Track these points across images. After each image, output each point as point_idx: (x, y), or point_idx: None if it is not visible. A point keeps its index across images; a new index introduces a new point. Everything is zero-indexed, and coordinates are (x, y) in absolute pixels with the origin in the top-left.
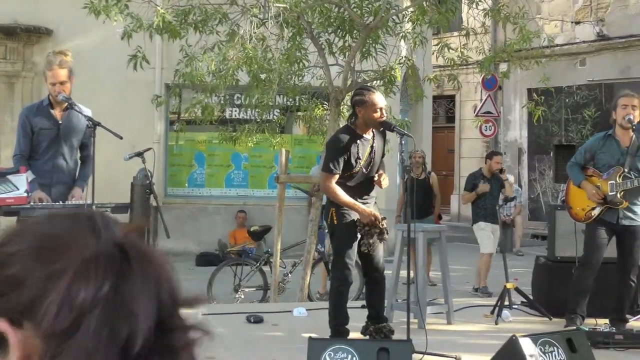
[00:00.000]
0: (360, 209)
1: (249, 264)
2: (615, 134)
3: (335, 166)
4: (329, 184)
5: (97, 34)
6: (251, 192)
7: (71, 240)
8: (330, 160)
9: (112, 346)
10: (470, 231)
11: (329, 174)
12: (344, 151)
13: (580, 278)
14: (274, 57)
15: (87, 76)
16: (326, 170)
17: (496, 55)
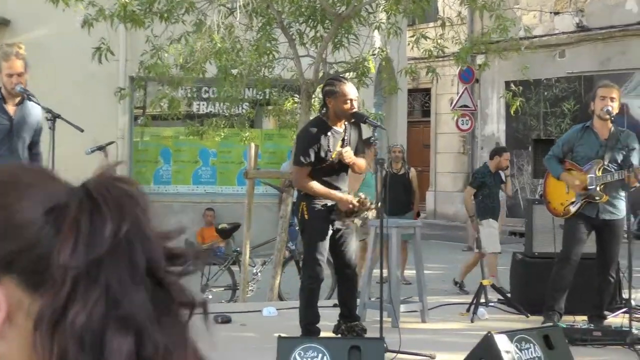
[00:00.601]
0: (336, 197)
1: (217, 263)
2: (593, 125)
3: (305, 158)
4: (300, 176)
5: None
6: (220, 189)
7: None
8: (301, 153)
9: (136, 276)
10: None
11: (300, 167)
12: (313, 143)
13: (558, 274)
14: (243, 48)
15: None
16: (297, 163)
17: (473, 45)
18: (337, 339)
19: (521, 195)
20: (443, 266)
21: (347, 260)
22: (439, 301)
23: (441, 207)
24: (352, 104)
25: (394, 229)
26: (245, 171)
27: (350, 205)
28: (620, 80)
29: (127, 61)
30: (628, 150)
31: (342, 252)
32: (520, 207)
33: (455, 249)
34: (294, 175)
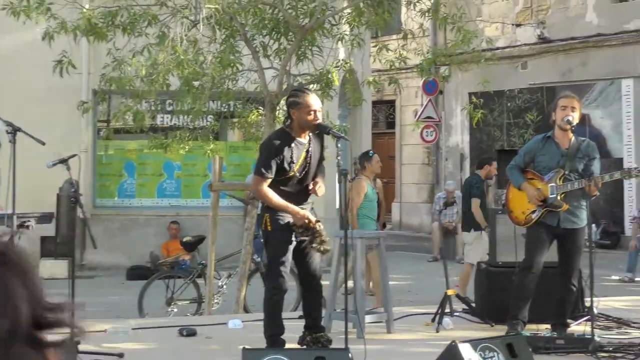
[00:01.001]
0: (293, 211)
1: (182, 277)
2: (554, 135)
3: (267, 169)
4: (260, 187)
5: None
6: (184, 202)
7: None
8: (262, 164)
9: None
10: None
11: (260, 178)
12: (276, 154)
13: (521, 283)
14: (207, 61)
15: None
16: (257, 173)
17: (435, 57)
18: (301, 349)
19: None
20: (408, 276)
21: (312, 271)
22: (404, 311)
23: (407, 218)
24: (316, 115)
25: (359, 239)
26: (210, 184)
27: (305, 221)
28: (582, 91)
29: (89, 74)
30: (589, 159)
31: (306, 263)
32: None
33: (420, 259)
34: (253, 185)
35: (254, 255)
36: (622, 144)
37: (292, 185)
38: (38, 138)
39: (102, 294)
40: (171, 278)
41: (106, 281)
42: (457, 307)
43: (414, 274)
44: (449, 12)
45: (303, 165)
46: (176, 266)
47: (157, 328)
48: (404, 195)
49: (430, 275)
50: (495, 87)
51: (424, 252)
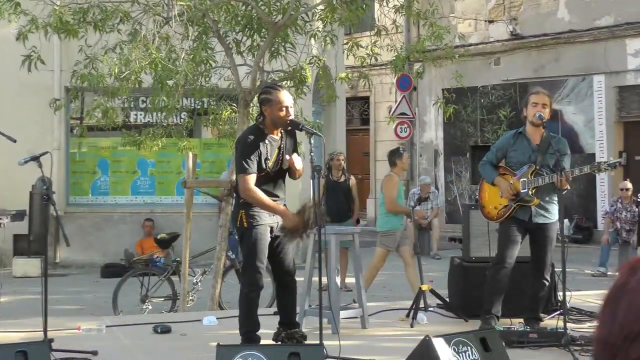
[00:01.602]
0: (282, 212)
1: (157, 274)
2: (526, 131)
3: (249, 164)
4: (248, 185)
5: None
6: (159, 199)
7: None
8: (243, 159)
9: None
10: None
11: (244, 175)
12: (254, 149)
13: (494, 278)
14: (179, 58)
15: None
16: (241, 170)
17: (409, 53)
18: (276, 346)
19: (460, 201)
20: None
21: (286, 267)
22: (379, 307)
23: None
24: (288, 112)
25: (333, 235)
26: (184, 181)
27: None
28: (554, 87)
29: (62, 71)
30: (560, 155)
31: (280, 259)
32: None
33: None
34: (240, 185)
35: (228, 252)
36: (594, 140)
37: (266, 181)
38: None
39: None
40: (145, 275)
41: (80, 279)
42: (432, 302)
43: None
44: (422, 9)
45: (276, 162)
46: (150, 263)
47: (132, 325)
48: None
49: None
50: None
51: None
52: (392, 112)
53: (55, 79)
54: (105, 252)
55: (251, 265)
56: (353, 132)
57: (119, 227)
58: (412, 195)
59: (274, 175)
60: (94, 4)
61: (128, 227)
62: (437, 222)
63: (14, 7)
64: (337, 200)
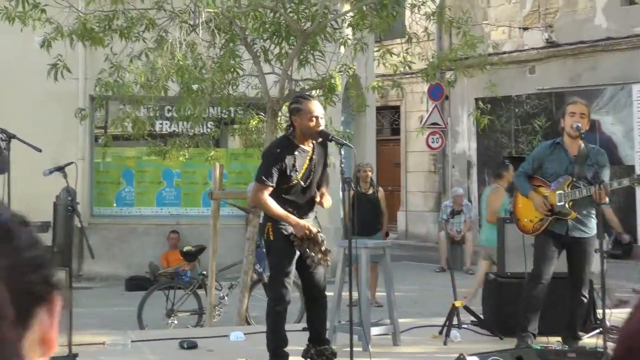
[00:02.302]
0: (293, 221)
1: (183, 287)
2: (563, 142)
3: (268, 177)
4: (260, 195)
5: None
6: (184, 211)
7: None
8: (263, 171)
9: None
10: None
11: (260, 185)
12: (277, 161)
13: (530, 294)
14: (206, 66)
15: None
16: (258, 180)
17: (440, 62)
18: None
19: None
20: (415, 287)
21: (316, 282)
22: (411, 323)
23: (413, 227)
24: (318, 122)
25: (364, 249)
26: (211, 192)
27: (306, 232)
28: (592, 97)
29: (86, 79)
30: (598, 167)
31: (310, 273)
32: None
33: (427, 270)
34: (252, 191)
35: (256, 266)
36: (633, 151)
37: (296, 194)
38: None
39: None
40: (171, 289)
41: (104, 292)
42: (465, 319)
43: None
44: (455, 16)
45: (306, 174)
46: (176, 277)
47: (157, 340)
48: (409, 203)
49: (437, 286)
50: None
51: (430, 262)
52: (424, 122)
53: (80, 87)
54: (130, 265)
55: (278, 279)
56: (383, 142)
57: (143, 239)
58: (444, 208)
59: (304, 187)
60: (119, 11)
61: (153, 239)
62: (470, 235)
63: (40, 13)
64: (365, 213)
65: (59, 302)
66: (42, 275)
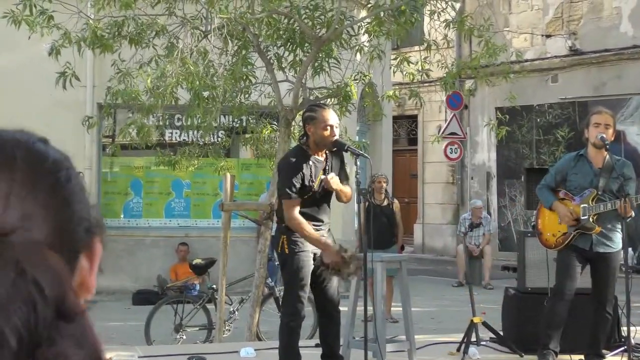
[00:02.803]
0: (325, 246)
1: (192, 301)
2: (587, 153)
3: (292, 190)
4: (292, 214)
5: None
6: (194, 223)
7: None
8: (286, 184)
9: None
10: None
11: (289, 201)
12: (296, 172)
13: (552, 310)
14: (218, 73)
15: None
16: (284, 195)
17: (460, 70)
18: None
19: (514, 227)
20: (432, 303)
21: (330, 296)
22: (427, 340)
23: (430, 240)
24: (333, 131)
25: (379, 263)
26: (221, 203)
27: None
28: (617, 106)
29: (94, 87)
30: (624, 179)
31: (323, 287)
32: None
33: (444, 284)
34: (285, 212)
35: (267, 279)
36: None
37: (310, 205)
38: None
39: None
40: (180, 303)
41: (111, 306)
42: (484, 335)
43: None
44: (475, 23)
45: (321, 185)
46: (185, 290)
47: (165, 356)
48: (426, 215)
49: (455, 301)
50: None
51: (448, 276)
52: (442, 131)
53: (88, 95)
54: (137, 278)
55: (293, 293)
56: (400, 152)
57: (151, 252)
58: (462, 220)
59: (319, 198)
60: (129, 17)
61: (161, 252)
62: (489, 249)
63: (47, 20)
64: (380, 226)
65: (99, 246)
66: (86, 225)
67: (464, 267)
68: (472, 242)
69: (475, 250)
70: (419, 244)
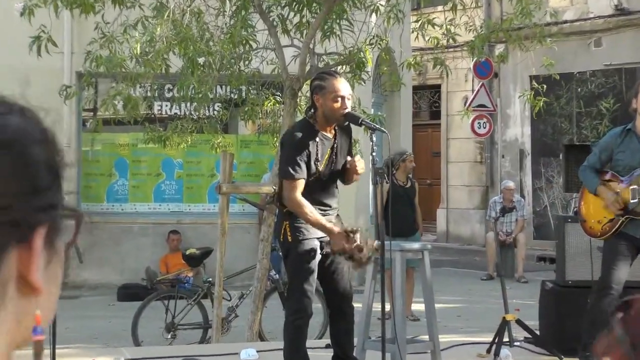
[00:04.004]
0: (330, 231)
1: (185, 297)
2: (636, 127)
3: (296, 169)
4: (293, 195)
5: None
6: (187, 208)
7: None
8: (289, 163)
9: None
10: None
11: (291, 181)
12: (302, 150)
13: (597, 306)
14: (214, 37)
15: None
16: (287, 176)
17: (490, 33)
18: None
19: (551, 212)
20: (458, 298)
21: (342, 290)
22: (453, 340)
23: (455, 228)
24: (344, 103)
25: (398, 253)
26: (218, 185)
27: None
28: None
29: (72, 54)
30: None
31: (334, 280)
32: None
33: (472, 277)
34: (286, 193)
35: (271, 272)
36: None
37: (316, 188)
38: None
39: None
40: (172, 299)
41: (93, 302)
42: (518, 335)
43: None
44: None
45: (328, 166)
46: (178, 284)
47: (156, 359)
48: (451, 199)
49: (484, 296)
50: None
51: (476, 268)
52: (469, 103)
53: (66, 62)
54: (123, 270)
55: (297, 287)
56: (421, 127)
57: (139, 241)
58: (492, 204)
59: (325, 180)
60: None
61: (150, 241)
62: (523, 237)
63: None
64: (401, 210)
65: (38, 241)
66: (14, 216)
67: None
68: (504, 229)
69: (507, 238)
70: (442, 231)
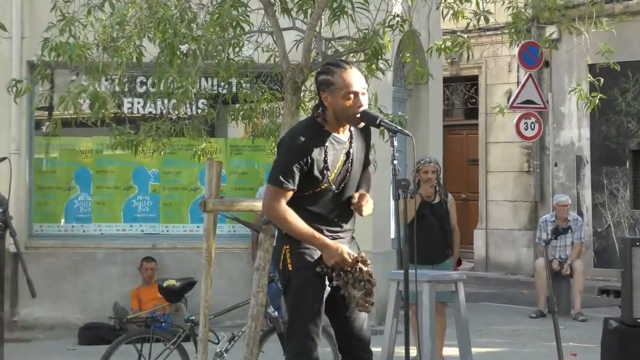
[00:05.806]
0: (322, 243)
1: (162, 339)
2: None
3: (287, 177)
4: (275, 203)
5: None
6: (164, 229)
7: None
8: (281, 169)
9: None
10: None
11: (277, 189)
12: (301, 155)
13: None
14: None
15: None
16: (274, 182)
17: (537, 12)
18: None
19: (615, 233)
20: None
21: (356, 331)
22: None
23: (496, 253)
24: (358, 100)
25: (426, 284)
26: (203, 201)
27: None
28: None
29: (23, 39)
30: None
31: (347, 319)
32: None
33: (518, 314)
34: (266, 199)
35: (268, 308)
36: None
37: (324, 203)
38: None
39: None
40: (146, 342)
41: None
42: None
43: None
44: None
45: (341, 175)
46: (153, 324)
47: None
48: (491, 217)
49: (533, 337)
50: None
51: (523, 303)
52: (513, 100)
53: (15, 50)
54: (86, 307)
55: (299, 326)
56: (453, 128)
57: (105, 270)
58: (543, 223)
59: (337, 193)
60: None
61: (119, 270)
62: (580, 265)
63: None
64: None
65: None
66: None
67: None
68: (557, 255)
69: (561, 266)
70: (481, 257)
